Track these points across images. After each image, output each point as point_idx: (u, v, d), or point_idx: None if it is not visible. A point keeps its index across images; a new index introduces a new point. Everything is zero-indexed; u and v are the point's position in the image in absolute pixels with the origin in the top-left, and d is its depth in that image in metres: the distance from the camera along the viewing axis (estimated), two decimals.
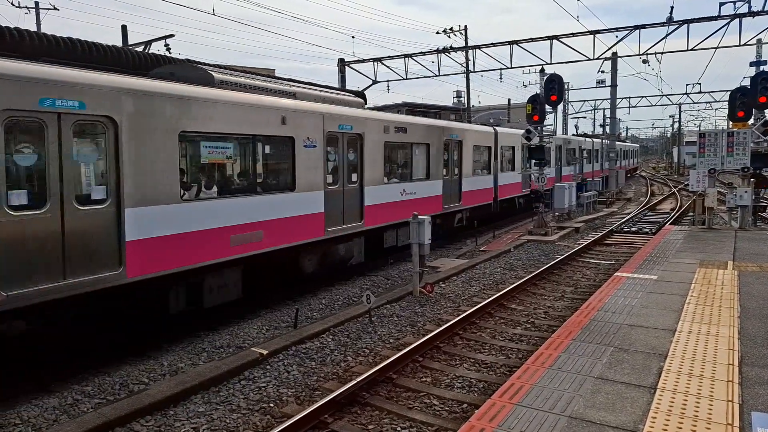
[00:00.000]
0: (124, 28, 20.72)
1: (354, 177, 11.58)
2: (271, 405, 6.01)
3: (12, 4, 25.88)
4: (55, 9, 26.48)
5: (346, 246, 11.58)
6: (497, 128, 19.79)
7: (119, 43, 17.68)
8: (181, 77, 8.51)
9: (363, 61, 27.96)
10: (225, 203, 8.34)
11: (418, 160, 14.30)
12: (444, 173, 15.29)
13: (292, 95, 10.21)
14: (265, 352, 7.23)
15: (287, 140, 9.57)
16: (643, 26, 22.70)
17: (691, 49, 22.47)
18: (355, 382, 6.07)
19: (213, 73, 8.89)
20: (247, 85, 9.35)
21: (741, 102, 14.59)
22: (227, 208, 8.36)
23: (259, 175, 9.37)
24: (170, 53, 19.95)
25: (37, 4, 26.07)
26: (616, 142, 35.78)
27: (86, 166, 6.68)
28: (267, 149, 9.51)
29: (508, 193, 20.16)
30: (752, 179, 14.69)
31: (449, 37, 31.58)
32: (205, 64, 9.83)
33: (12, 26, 7.08)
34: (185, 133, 7.72)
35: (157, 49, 23.74)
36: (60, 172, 6.21)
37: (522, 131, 18.23)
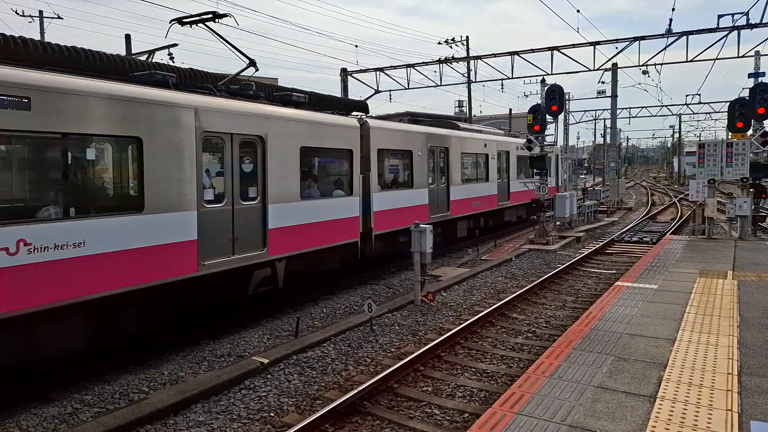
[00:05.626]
0: (128, 37, 20.88)
1: (505, 175, 20.02)
2: (272, 414, 6.02)
3: (16, 12, 26.15)
4: (59, 18, 26.73)
5: (506, 213, 20.37)
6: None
7: (122, 52, 17.78)
8: (441, 124, 16.46)
9: (366, 70, 28.04)
10: (473, 185, 17.25)
11: (492, 166, 20.02)
12: (498, 177, 19.90)
13: (479, 131, 18.89)
14: (265, 361, 7.23)
15: (485, 156, 18.31)
16: (643, 38, 22.81)
17: (690, 61, 22.54)
18: (356, 391, 6.08)
19: (458, 123, 17.99)
20: (468, 127, 18.21)
21: (740, 113, 14.64)
22: (474, 188, 17.26)
23: (480, 173, 17.98)
24: (173, 62, 20.07)
25: (41, 12, 26.28)
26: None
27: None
28: (480, 160, 18.03)
29: None
30: (751, 189, 14.74)
31: (451, 47, 31.85)
32: (449, 117, 20.85)
33: (17, 35, 7.16)
34: (462, 153, 16.40)
35: (161, 58, 23.91)
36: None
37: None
